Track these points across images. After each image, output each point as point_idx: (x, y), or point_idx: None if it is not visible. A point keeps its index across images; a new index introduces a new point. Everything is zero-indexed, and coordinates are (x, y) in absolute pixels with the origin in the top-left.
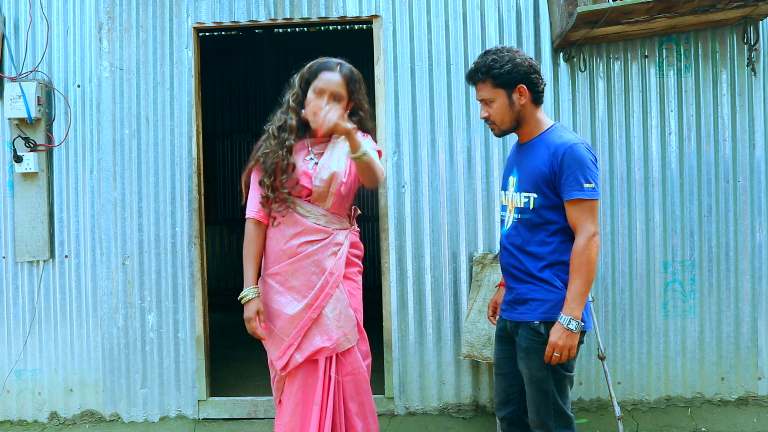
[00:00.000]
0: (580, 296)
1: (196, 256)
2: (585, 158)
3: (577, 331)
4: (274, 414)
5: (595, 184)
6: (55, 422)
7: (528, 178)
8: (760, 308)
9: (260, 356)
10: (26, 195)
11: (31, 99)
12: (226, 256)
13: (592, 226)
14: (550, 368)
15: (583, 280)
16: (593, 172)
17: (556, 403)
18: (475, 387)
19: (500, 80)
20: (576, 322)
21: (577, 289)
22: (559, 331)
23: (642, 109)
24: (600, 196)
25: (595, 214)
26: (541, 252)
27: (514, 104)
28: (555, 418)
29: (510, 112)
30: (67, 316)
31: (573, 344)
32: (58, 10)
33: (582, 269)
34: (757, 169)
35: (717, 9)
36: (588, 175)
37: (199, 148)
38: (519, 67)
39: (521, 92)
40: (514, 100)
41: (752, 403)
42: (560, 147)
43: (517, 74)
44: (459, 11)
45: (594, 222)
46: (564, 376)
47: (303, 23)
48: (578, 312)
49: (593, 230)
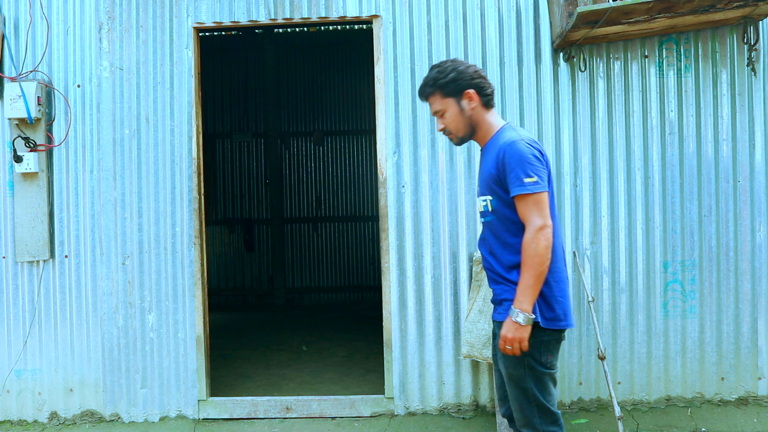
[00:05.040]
0: (528, 289)
1: (196, 256)
2: (524, 154)
3: (526, 323)
4: (274, 414)
5: (539, 177)
6: (55, 422)
7: (483, 182)
8: (760, 308)
9: (260, 356)
10: (26, 195)
11: (31, 99)
12: (226, 256)
13: (538, 219)
14: (526, 366)
15: (531, 272)
16: (534, 166)
17: (537, 400)
18: (475, 387)
19: (447, 89)
20: (525, 315)
21: (525, 282)
22: (507, 324)
23: (642, 109)
24: (546, 189)
25: (542, 207)
26: (505, 254)
27: (465, 110)
28: (539, 415)
29: (463, 119)
30: (67, 316)
31: (522, 337)
32: (58, 10)
33: (528, 262)
34: (757, 169)
35: (717, 9)
36: (528, 169)
37: (199, 148)
38: (463, 74)
39: (470, 97)
40: (464, 106)
41: (752, 403)
42: (502, 147)
43: (462, 81)
44: (459, 11)
45: (540, 215)
46: (543, 374)
47: (303, 23)
48: (527, 305)
49: (539, 223)
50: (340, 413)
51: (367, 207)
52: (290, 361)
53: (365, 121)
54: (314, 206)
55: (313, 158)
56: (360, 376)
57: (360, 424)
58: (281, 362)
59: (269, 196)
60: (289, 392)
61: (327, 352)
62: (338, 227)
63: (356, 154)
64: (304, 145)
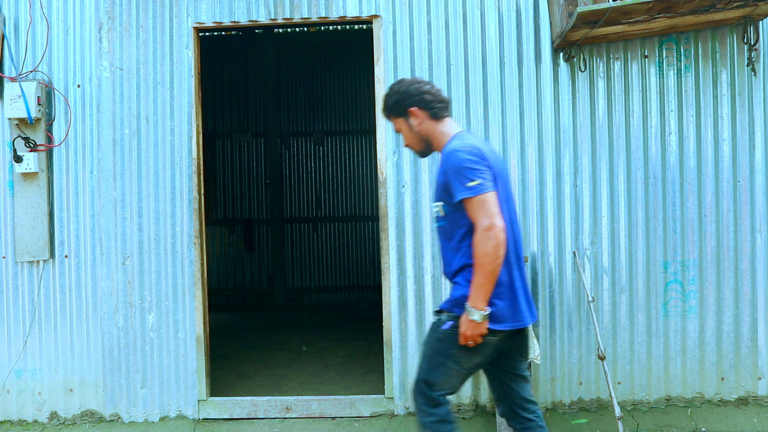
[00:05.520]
0: (479, 287)
1: (196, 256)
2: (462, 159)
3: (482, 320)
4: (274, 414)
5: (481, 179)
6: (55, 422)
7: (435, 189)
8: (759, 308)
9: (260, 356)
10: (26, 195)
11: (31, 99)
12: (226, 256)
13: (485, 219)
14: (433, 346)
15: (481, 272)
16: (474, 170)
17: (425, 379)
18: (475, 387)
19: (395, 111)
20: (479, 313)
21: (477, 281)
22: (464, 321)
23: (642, 109)
24: (492, 189)
25: (487, 208)
26: (455, 257)
27: (414, 127)
28: (423, 392)
29: (413, 135)
30: (67, 316)
31: (475, 333)
32: (58, 10)
33: (478, 262)
34: (757, 169)
35: (717, 9)
36: (469, 174)
37: (199, 148)
38: (405, 94)
39: (414, 114)
40: (412, 123)
41: (752, 403)
42: (444, 155)
43: (405, 101)
44: (459, 11)
45: (487, 215)
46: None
47: (303, 23)
48: (480, 303)
49: (486, 223)
50: (340, 413)
51: (367, 207)
52: (290, 361)
53: (365, 121)
54: (314, 206)
55: (313, 158)
56: (360, 376)
57: (360, 424)
58: (281, 362)
59: (269, 196)
60: (289, 392)
61: (327, 352)
62: (338, 227)
63: (356, 154)
64: (304, 145)
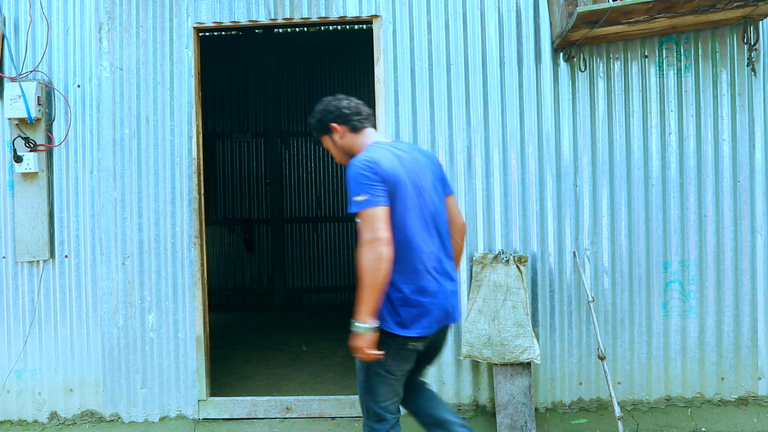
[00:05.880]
0: (361, 300)
1: (196, 256)
2: (354, 174)
3: (365, 332)
4: (274, 414)
5: (369, 195)
6: (55, 422)
7: None
8: (759, 308)
9: (260, 356)
10: (26, 195)
11: (31, 99)
12: (226, 256)
13: (367, 233)
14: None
15: (363, 284)
16: (363, 185)
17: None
18: (475, 387)
19: (319, 130)
20: (363, 326)
21: (360, 294)
22: (351, 334)
23: (642, 109)
24: (378, 204)
25: (371, 222)
26: None
27: (337, 141)
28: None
29: (337, 149)
30: (67, 316)
31: (360, 345)
32: (58, 10)
33: (359, 275)
34: (757, 169)
35: (717, 9)
36: (358, 189)
37: (199, 148)
38: (324, 112)
39: (335, 130)
40: (335, 138)
41: (752, 403)
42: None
43: (325, 118)
44: (459, 11)
45: (370, 229)
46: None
47: (303, 23)
48: (363, 316)
49: (367, 237)
50: (340, 413)
51: None
52: (290, 361)
53: None
54: (314, 206)
55: (313, 158)
56: None
57: (360, 424)
58: (281, 362)
59: (269, 196)
60: (289, 392)
61: (327, 352)
62: (338, 227)
63: None
64: (304, 145)
